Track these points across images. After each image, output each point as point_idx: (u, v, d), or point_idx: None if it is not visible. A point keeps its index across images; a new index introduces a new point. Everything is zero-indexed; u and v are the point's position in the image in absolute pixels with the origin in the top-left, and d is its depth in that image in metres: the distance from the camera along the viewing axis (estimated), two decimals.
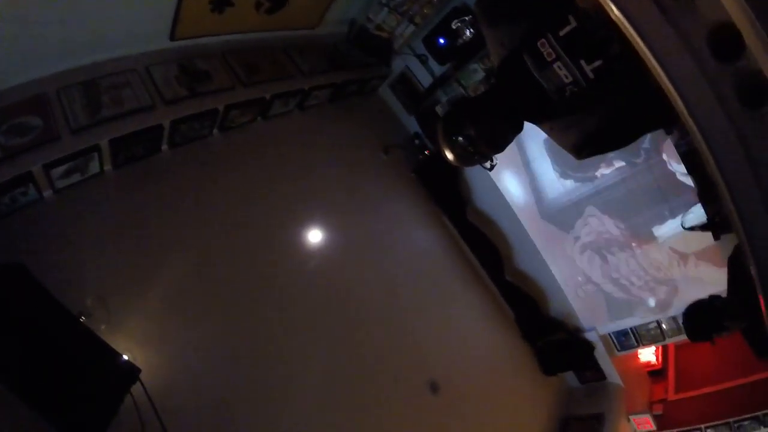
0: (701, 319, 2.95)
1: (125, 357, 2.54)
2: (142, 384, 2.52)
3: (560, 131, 1.50)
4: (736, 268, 2.78)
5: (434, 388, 3.99)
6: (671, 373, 6.05)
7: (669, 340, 4.96)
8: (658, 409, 5.56)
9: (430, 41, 4.51)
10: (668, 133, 4.25)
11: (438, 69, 4.65)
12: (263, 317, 3.31)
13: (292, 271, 3.65)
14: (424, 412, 3.87)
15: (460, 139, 1.43)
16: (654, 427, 5.40)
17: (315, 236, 3.90)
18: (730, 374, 5.33)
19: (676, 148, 4.19)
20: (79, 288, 2.61)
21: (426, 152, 4.87)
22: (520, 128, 1.50)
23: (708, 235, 3.77)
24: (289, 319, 3.40)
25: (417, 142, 4.86)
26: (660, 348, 6.27)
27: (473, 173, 4.81)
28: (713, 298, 2.91)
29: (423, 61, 4.62)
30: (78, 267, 2.68)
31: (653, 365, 6.03)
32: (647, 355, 6.10)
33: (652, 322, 4.84)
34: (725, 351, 5.82)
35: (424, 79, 4.72)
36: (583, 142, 1.46)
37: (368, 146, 4.65)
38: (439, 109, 4.33)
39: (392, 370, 3.85)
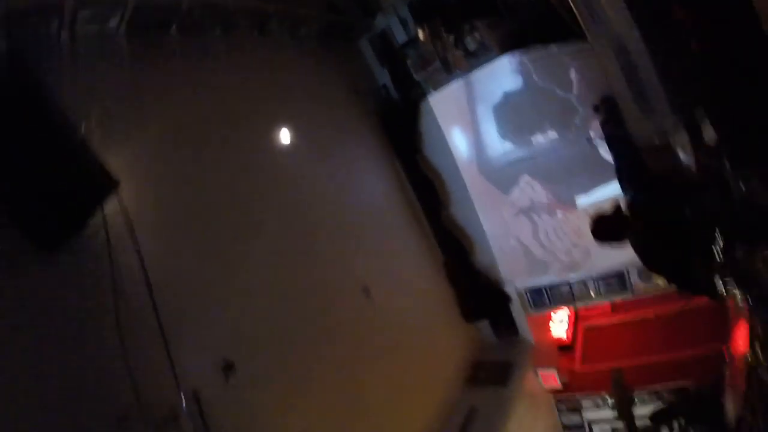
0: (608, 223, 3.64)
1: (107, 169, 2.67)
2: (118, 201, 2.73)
3: None
4: None
5: (366, 292, 4.50)
6: (578, 347, 6.73)
7: (578, 303, 5.64)
8: (564, 377, 6.22)
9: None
10: (596, 111, 5.04)
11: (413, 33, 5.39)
12: (233, 190, 3.77)
13: (263, 170, 4.14)
14: (357, 310, 4.38)
15: None
16: (559, 385, 6.04)
17: (283, 145, 4.43)
18: (632, 354, 6.11)
19: (600, 128, 4.97)
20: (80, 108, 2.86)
21: (391, 102, 5.57)
22: None
23: None
24: (254, 203, 3.87)
25: (384, 92, 5.58)
26: (571, 326, 6.97)
27: (428, 125, 5.51)
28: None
29: (403, 24, 5.35)
30: (82, 93, 2.91)
31: (563, 341, 6.69)
32: (559, 331, 6.77)
33: (565, 284, 5.52)
34: (628, 335, 6.61)
35: (401, 39, 5.45)
36: None
37: (343, 87, 5.27)
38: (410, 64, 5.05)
39: (334, 271, 4.36)
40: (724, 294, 3.36)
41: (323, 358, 3.92)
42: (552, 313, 6.84)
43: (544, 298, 5.62)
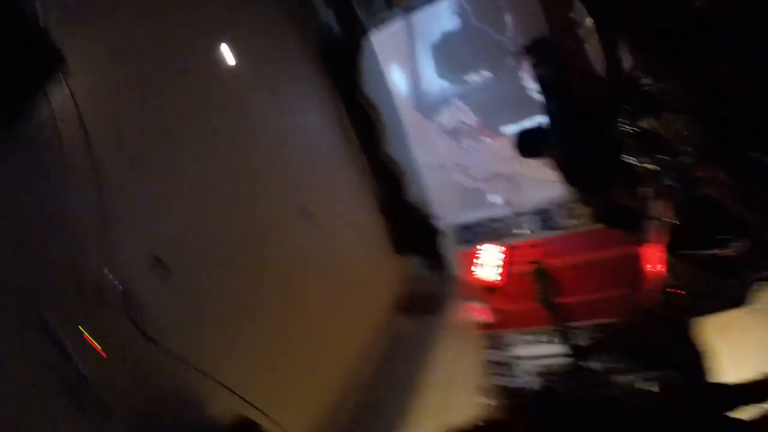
0: (531, 137, 3.83)
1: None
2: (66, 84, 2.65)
3: None
4: None
5: (304, 213, 4.55)
6: (507, 286, 7.06)
7: (506, 239, 5.91)
8: (493, 314, 6.52)
9: None
10: (527, 54, 5.28)
11: None
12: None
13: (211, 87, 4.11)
14: (295, 229, 4.43)
15: None
16: (488, 318, 6.33)
17: (228, 71, 4.38)
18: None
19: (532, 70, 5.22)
20: None
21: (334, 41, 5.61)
22: None
23: None
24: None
25: (328, 30, 5.65)
26: (500, 266, 7.28)
27: (369, 64, 5.59)
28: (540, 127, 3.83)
29: None
30: None
31: (492, 281, 7.00)
32: (487, 271, 7.06)
33: (493, 220, 5.78)
34: (555, 276, 6.94)
35: None
36: None
37: (289, 25, 5.26)
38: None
39: (276, 188, 4.38)
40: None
41: (263, 274, 3.96)
42: (480, 251, 7.12)
43: (473, 234, 5.85)
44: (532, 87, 5.32)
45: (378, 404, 4.38)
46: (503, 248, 7.79)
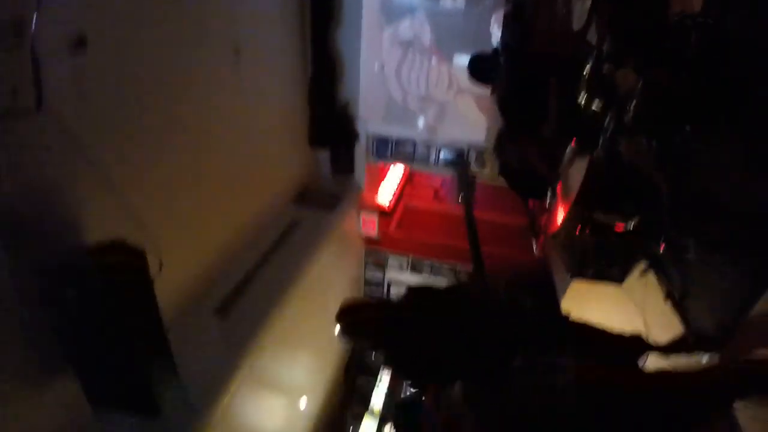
0: (484, 62, 3.89)
1: None
2: None
3: None
4: None
5: (237, 54, 4.20)
6: (396, 215, 7.39)
7: (416, 164, 6.11)
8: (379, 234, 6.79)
9: None
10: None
11: None
12: None
13: None
14: (224, 68, 4.10)
15: None
16: (375, 234, 6.57)
17: None
18: (441, 235, 6.92)
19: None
20: None
21: None
22: None
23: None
24: None
25: None
26: (396, 196, 7.57)
27: None
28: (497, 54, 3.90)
29: None
30: None
31: (386, 207, 7.26)
32: (384, 197, 7.31)
33: (410, 142, 5.92)
34: (442, 222, 7.40)
35: None
36: None
37: None
38: None
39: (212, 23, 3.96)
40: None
41: (187, 101, 3.61)
42: (388, 171, 7.31)
43: (387, 150, 5.94)
44: (496, 33, 5.45)
45: (258, 279, 4.38)
46: (405, 174, 8.10)
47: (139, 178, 3.09)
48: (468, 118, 5.66)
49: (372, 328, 2.56)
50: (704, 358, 2.67)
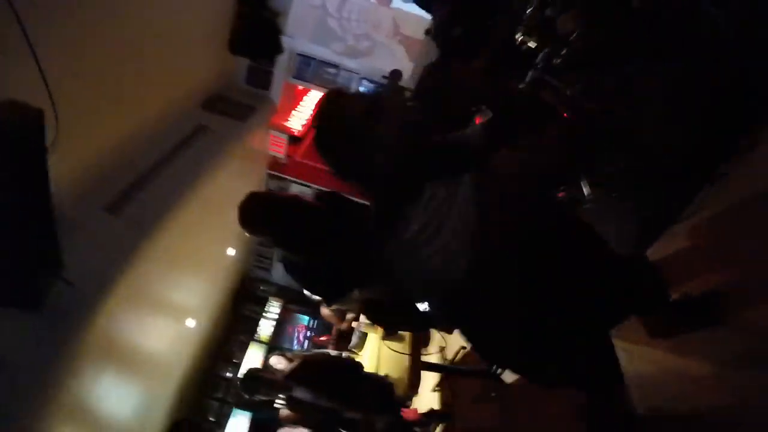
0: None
1: None
2: None
3: None
4: None
5: None
6: (306, 143, 7.20)
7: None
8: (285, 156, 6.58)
9: None
10: None
11: None
12: None
13: None
14: None
15: None
16: (283, 153, 6.35)
17: None
18: None
19: None
20: None
21: None
22: None
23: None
24: None
25: None
26: (308, 124, 7.36)
27: None
28: None
29: None
30: None
31: (295, 132, 7.02)
32: (297, 121, 7.06)
33: (334, 67, 5.71)
34: None
35: None
36: None
37: None
38: None
39: None
40: None
41: None
42: (306, 96, 7.04)
43: (309, 70, 5.68)
44: None
45: (156, 180, 4.06)
46: (319, 101, 7.86)
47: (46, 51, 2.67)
48: (399, 57, 5.57)
49: (279, 221, 2.46)
50: None
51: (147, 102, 4.10)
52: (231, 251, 6.45)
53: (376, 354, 5.06)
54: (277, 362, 4.08)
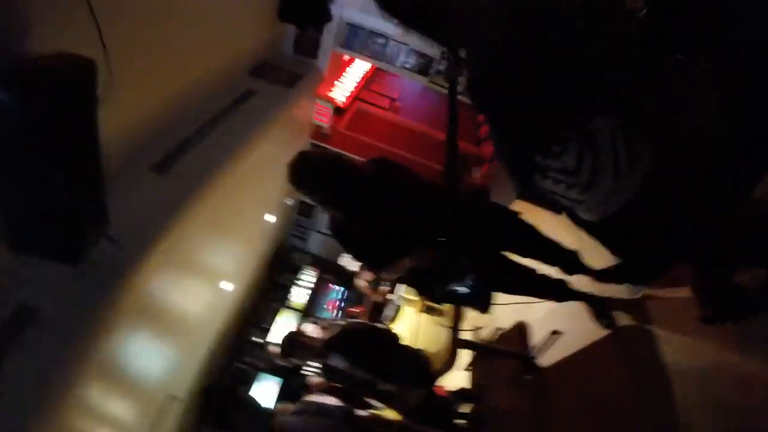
0: None
1: None
2: None
3: None
4: None
5: None
6: (348, 115, 7.16)
7: (382, 63, 5.79)
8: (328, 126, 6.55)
9: None
10: None
11: None
12: None
13: None
14: None
15: None
16: (328, 123, 6.33)
17: None
18: (388, 143, 6.80)
19: None
20: None
21: None
22: None
23: None
24: None
25: None
26: (353, 95, 7.30)
27: None
28: None
29: None
30: None
31: (340, 103, 6.97)
32: (341, 92, 7.01)
33: (382, 38, 5.59)
34: (393, 131, 7.27)
35: None
36: None
37: None
38: None
39: None
40: None
41: None
42: (351, 65, 6.97)
43: (357, 40, 5.58)
44: None
45: (203, 142, 4.08)
46: (367, 74, 7.79)
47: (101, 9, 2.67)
48: None
49: (327, 181, 2.43)
50: (635, 290, 2.84)
51: (197, 65, 4.11)
52: (270, 218, 6.51)
53: (413, 327, 5.05)
54: (312, 330, 4.10)
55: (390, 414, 4.08)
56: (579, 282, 2.90)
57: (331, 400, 4.04)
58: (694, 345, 2.24)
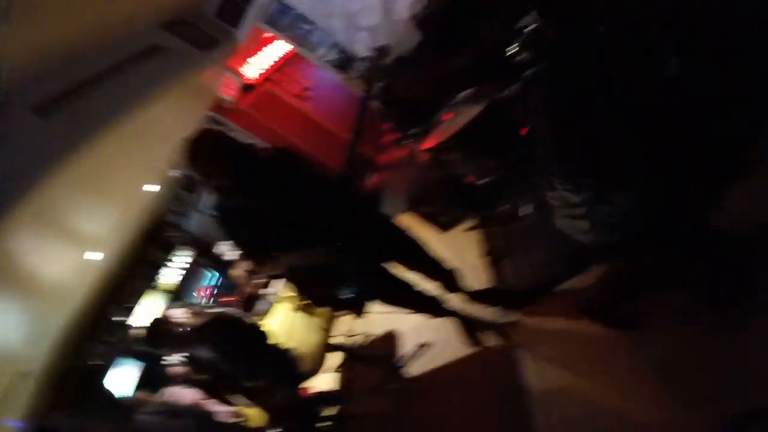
0: None
1: None
2: None
3: None
4: None
5: None
6: (256, 94, 6.85)
7: (304, 50, 5.64)
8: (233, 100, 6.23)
9: None
10: None
11: None
12: None
13: None
14: None
15: None
16: (234, 96, 6.00)
17: None
18: (290, 130, 6.64)
19: None
20: None
21: None
22: None
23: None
24: None
25: None
26: (265, 74, 7.02)
27: None
28: None
29: None
30: None
31: (249, 80, 6.64)
32: (254, 69, 6.69)
33: (311, 26, 5.44)
34: (298, 120, 7.10)
35: None
36: None
37: None
38: None
39: None
40: None
41: None
42: (271, 43, 6.68)
43: (281, 21, 5.38)
44: None
45: (95, 90, 3.66)
46: (285, 57, 7.50)
47: None
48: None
49: (231, 170, 2.31)
50: (504, 314, 3.01)
51: (105, 6, 3.68)
52: (151, 188, 5.99)
53: (286, 325, 4.92)
54: (181, 314, 3.82)
55: (253, 411, 3.93)
56: (455, 300, 3.02)
57: (190, 394, 3.80)
58: (552, 370, 2.43)
